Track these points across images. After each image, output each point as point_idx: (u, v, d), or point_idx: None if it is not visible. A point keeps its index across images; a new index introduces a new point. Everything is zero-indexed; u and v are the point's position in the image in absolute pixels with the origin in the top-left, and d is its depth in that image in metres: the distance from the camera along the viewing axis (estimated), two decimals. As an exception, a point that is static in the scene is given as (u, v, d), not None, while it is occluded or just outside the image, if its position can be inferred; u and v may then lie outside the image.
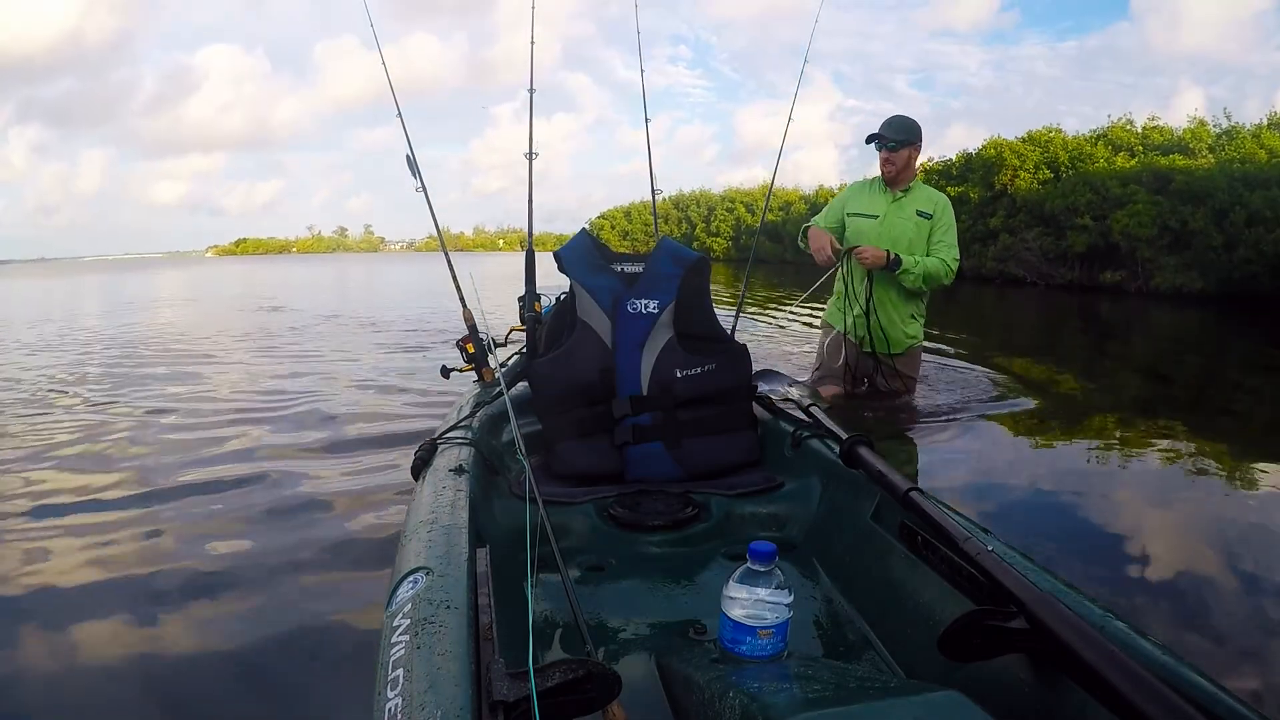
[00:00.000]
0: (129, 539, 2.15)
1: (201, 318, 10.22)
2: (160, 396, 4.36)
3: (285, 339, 7.19)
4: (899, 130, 3.09)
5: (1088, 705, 0.78)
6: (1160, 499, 2.47)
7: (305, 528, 2.20)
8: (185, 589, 1.83)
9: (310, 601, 1.75)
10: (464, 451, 1.52)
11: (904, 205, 3.14)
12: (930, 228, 3.11)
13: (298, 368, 5.31)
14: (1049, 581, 0.94)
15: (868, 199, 3.21)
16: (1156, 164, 12.26)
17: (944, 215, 3.12)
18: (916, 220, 3.11)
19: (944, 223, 3.11)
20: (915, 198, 3.15)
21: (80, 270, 42.52)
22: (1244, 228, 10.02)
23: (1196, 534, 2.17)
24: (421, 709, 0.66)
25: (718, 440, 1.74)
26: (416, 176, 2.27)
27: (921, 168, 21.52)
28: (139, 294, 15.92)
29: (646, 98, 2.75)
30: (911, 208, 3.12)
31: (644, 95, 2.77)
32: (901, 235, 3.10)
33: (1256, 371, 5.17)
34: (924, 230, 3.10)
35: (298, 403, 4.04)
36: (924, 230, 3.10)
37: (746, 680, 0.87)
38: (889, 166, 3.12)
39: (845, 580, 1.35)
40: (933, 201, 3.15)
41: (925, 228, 3.11)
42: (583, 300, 1.75)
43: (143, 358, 6.00)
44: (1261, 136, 12.35)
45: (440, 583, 0.90)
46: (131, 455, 3.09)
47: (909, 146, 3.10)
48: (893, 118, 3.14)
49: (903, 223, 3.12)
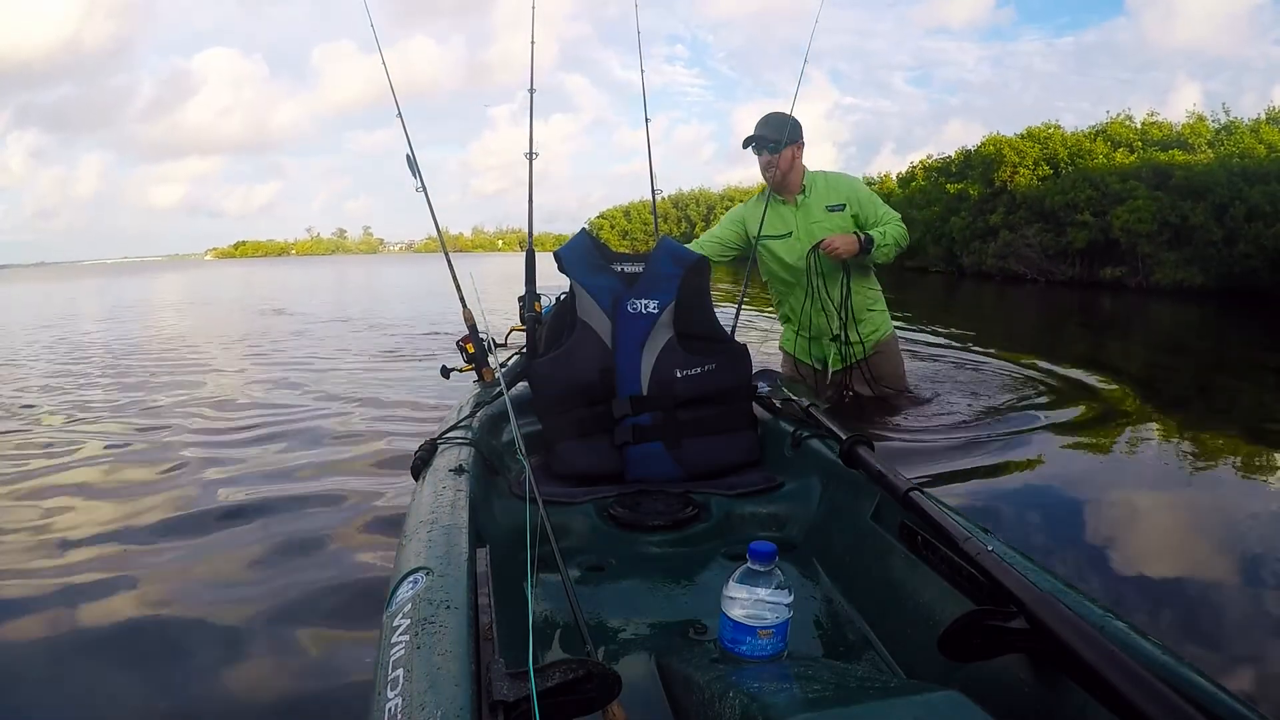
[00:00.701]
0: (126, 527, 2.15)
1: (205, 321, 10.23)
2: (158, 397, 4.37)
3: (287, 341, 7.20)
4: (777, 129, 2.71)
5: (1088, 705, 0.78)
6: (1193, 493, 2.44)
7: (305, 528, 2.20)
8: (184, 588, 1.83)
9: (309, 601, 1.75)
10: (464, 451, 1.52)
11: (810, 208, 2.82)
12: (852, 213, 2.80)
13: (298, 369, 5.32)
14: (1049, 581, 0.94)
15: (772, 217, 2.83)
16: (1156, 159, 12.28)
17: (856, 192, 2.82)
18: (830, 216, 2.80)
19: (862, 197, 2.82)
20: (816, 195, 2.83)
21: (79, 274, 42.55)
22: (1244, 222, 10.03)
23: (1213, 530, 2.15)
24: (421, 709, 0.66)
25: (718, 440, 1.74)
26: (416, 176, 2.27)
27: (921, 165, 21.22)
28: (139, 298, 15.93)
29: (646, 97, 2.75)
30: (819, 206, 2.81)
31: (644, 95, 2.77)
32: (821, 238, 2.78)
33: (1256, 369, 5.16)
34: (845, 222, 2.79)
35: (297, 403, 4.05)
36: (845, 222, 2.79)
37: (746, 680, 0.87)
38: (771, 171, 2.76)
39: (845, 580, 1.35)
40: (834, 189, 2.82)
41: (845, 218, 2.79)
42: (583, 300, 1.75)
43: (143, 359, 6.01)
44: (1260, 131, 12.39)
45: (440, 583, 0.90)
46: (133, 447, 3.10)
47: (791, 145, 2.74)
48: (769, 115, 2.78)
49: (819, 226, 2.79)
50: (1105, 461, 2.80)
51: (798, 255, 2.81)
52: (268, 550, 2.05)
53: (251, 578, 1.88)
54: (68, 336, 7.96)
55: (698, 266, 1.78)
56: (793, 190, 2.84)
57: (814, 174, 2.85)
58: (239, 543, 2.10)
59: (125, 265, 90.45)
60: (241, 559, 2.00)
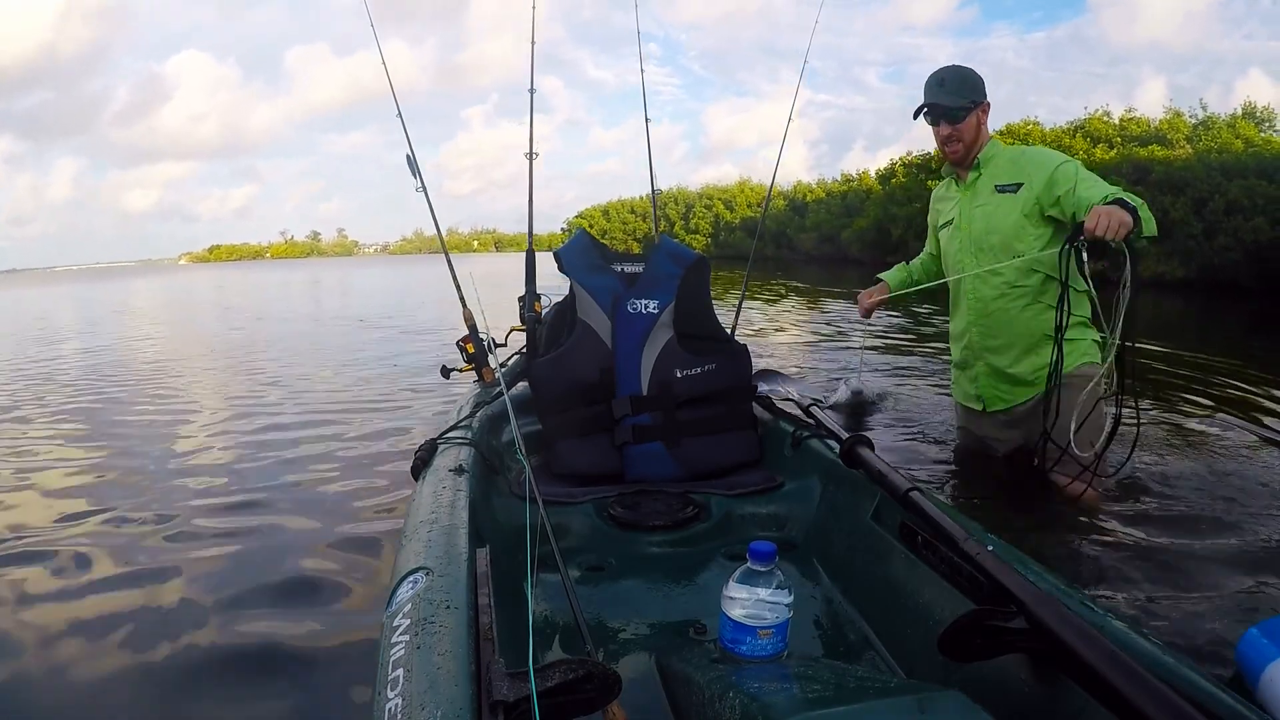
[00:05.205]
0: (122, 528, 2.15)
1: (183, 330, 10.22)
2: (158, 398, 4.37)
3: (287, 342, 7.20)
4: (956, 90, 2.06)
5: (1088, 705, 0.78)
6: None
7: (305, 528, 2.20)
8: (182, 587, 1.83)
9: (309, 601, 1.75)
10: (464, 451, 1.52)
11: (977, 190, 2.14)
12: (1034, 195, 2.00)
13: (298, 369, 5.32)
14: (1049, 581, 0.94)
15: (945, 200, 2.29)
16: (1136, 155, 12.45)
17: (1044, 169, 2.00)
18: (995, 199, 2.08)
19: (1057, 175, 1.97)
20: (990, 172, 2.12)
21: (53, 280, 42.23)
22: (1223, 216, 10.22)
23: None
24: (421, 709, 0.66)
25: (718, 440, 1.74)
26: (417, 176, 2.27)
27: (901, 161, 20.27)
28: (115, 303, 15.73)
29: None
30: (988, 187, 2.11)
31: (644, 96, 2.78)
32: (992, 230, 2.08)
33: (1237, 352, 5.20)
34: (1016, 206, 2.03)
35: (297, 403, 4.05)
36: (1016, 206, 2.03)
37: (746, 680, 0.87)
38: (953, 146, 2.10)
39: (845, 580, 1.35)
40: (1016, 165, 2.08)
41: (1017, 202, 2.03)
42: (583, 300, 1.75)
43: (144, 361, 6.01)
44: (1237, 126, 12.59)
45: (440, 583, 0.90)
46: (122, 452, 3.09)
47: (975, 109, 2.08)
48: (944, 73, 2.09)
49: (984, 212, 2.10)
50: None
51: (956, 251, 2.18)
52: (267, 550, 2.05)
53: (251, 577, 1.87)
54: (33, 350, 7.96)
55: (697, 266, 1.78)
56: (967, 165, 2.16)
57: (997, 145, 2.15)
58: (239, 542, 2.10)
59: (98, 270, 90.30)
60: (241, 559, 2.00)
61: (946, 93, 2.08)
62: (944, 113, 2.07)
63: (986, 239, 2.10)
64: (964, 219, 2.16)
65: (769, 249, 26.29)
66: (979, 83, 2.10)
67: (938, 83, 2.09)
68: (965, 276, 2.15)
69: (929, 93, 2.10)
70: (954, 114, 2.07)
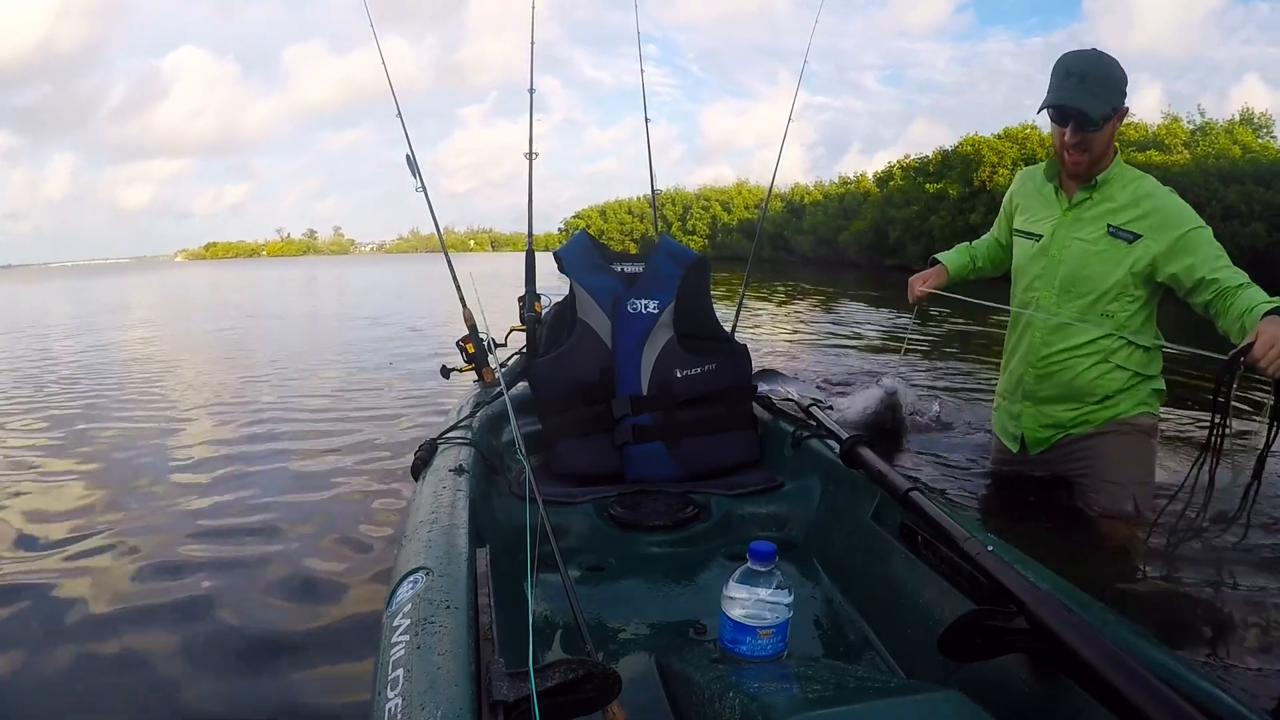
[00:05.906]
0: (120, 533, 2.15)
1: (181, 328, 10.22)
2: (158, 396, 4.36)
3: (286, 343, 7.20)
4: (1101, 89, 1.66)
5: (1088, 705, 0.78)
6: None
7: (304, 528, 2.20)
8: (181, 586, 1.83)
9: (309, 601, 1.75)
10: (464, 451, 1.52)
11: (1084, 217, 1.79)
12: (1156, 252, 1.69)
13: (296, 369, 5.32)
14: (1049, 581, 0.94)
15: (1038, 201, 1.91)
16: (1134, 160, 12.44)
17: (1175, 228, 1.67)
18: (1107, 243, 1.74)
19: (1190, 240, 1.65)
20: (1107, 198, 1.77)
21: (47, 276, 42.02)
22: (1220, 222, 10.23)
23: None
24: (421, 709, 0.66)
25: (718, 440, 1.74)
26: (417, 176, 2.26)
27: (899, 165, 19.84)
28: (111, 301, 15.69)
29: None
30: (1100, 220, 1.76)
31: (644, 96, 2.76)
32: (1088, 278, 1.77)
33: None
34: (1131, 260, 1.72)
35: (296, 403, 4.04)
36: (1131, 260, 1.72)
37: (746, 680, 0.87)
38: (1077, 156, 1.73)
39: (845, 580, 1.35)
40: (1137, 203, 1.73)
41: (1132, 257, 1.71)
42: (582, 300, 1.75)
43: (146, 363, 6.00)
44: (1235, 132, 12.63)
45: (440, 583, 0.90)
46: (120, 450, 3.09)
47: (1114, 117, 1.69)
48: (1085, 63, 1.68)
49: (1085, 250, 1.77)
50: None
51: (1034, 274, 1.88)
52: (267, 550, 2.05)
53: (250, 577, 1.87)
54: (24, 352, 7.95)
55: (698, 266, 1.78)
56: (1082, 178, 1.79)
57: (1120, 166, 1.79)
58: (238, 542, 2.10)
59: (93, 267, 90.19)
60: (240, 558, 2.00)
61: (1087, 92, 1.65)
62: (1078, 117, 1.66)
63: (1077, 285, 1.79)
64: (1056, 245, 1.83)
65: (765, 250, 26.27)
66: (1123, 81, 1.69)
67: (1078, 78, 1.66)
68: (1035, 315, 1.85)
69: (1060, 87, 1.68)
70: (1091, 121, 1.66)
